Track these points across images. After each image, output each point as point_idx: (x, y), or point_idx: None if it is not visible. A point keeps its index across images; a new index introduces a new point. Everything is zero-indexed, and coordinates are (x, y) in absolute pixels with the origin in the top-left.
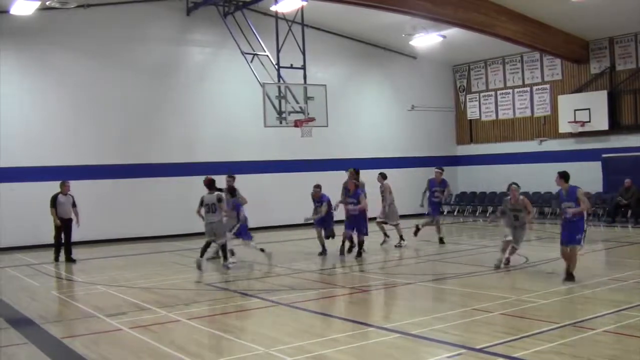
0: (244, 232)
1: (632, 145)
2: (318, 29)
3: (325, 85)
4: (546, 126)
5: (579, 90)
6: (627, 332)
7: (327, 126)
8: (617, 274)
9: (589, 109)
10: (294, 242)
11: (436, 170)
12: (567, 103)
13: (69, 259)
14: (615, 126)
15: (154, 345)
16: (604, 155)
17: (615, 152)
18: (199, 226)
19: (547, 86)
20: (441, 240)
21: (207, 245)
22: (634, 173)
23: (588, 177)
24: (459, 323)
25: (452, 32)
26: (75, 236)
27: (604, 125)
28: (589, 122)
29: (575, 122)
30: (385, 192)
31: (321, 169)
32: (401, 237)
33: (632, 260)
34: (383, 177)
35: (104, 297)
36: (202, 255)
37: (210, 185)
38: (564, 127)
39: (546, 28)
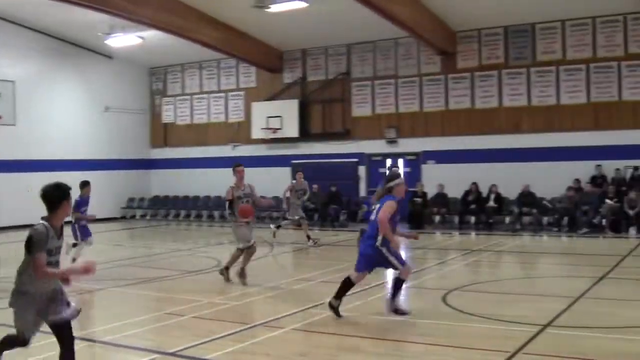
0: None
1: (320, 152)
2: (7, 20)
3: (14, 81)
4: (240, 132)
5: (272, 98)
6: (314, 329)
7: (14, 125)
8: (303, 275)
9: (280, 116)
10: None
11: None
12: (261, 110)
13: None
14: (305, 133)
15: None
16: (293, 161)
17: (304, 158)
18: None
19: (242, 93)
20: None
21: None
22: (321, 179)
23: (279, 182)
24: (151, 328)
25: (151, 34)
26: None
27: (295, 133)
28: (281, 129)
29: (268, 128)
30: None
31: (7, 170)
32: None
33: (317, 261)
34: None
35: None
36: None
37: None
38: (256, 133)
39: (243, 36)
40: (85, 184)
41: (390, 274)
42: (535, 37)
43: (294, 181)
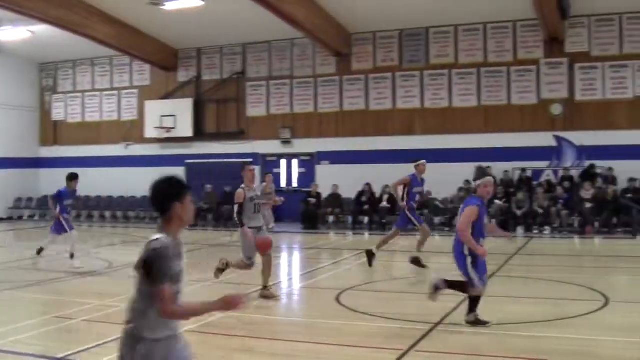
0: None
1: (214, 152)
2: None
3: None
4: (133, 130)
5: (166, 96)
6: (208, 330)
7: None
8: (196, 276)
9: (174, 115)
10: None
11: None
12: (154, 109)
13: None
14: (199, 133)
15: None
16: (187, 161)
17: (198, 158)
18: None
19: (136, 91)
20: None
21: None
22: (215, 179)
23: None
24: (40, 332)
25: (42, 28)
26: None
27: (189, 132)
28: (174, 128)
29: (161, 127)
30: None
31: None
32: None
33: (210, 262)
34: None
35: None
36: None
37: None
38: (150, 132)
39: (138, 34)
40: (74, 177)
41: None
42: (429, 41)
43: (263, 183)
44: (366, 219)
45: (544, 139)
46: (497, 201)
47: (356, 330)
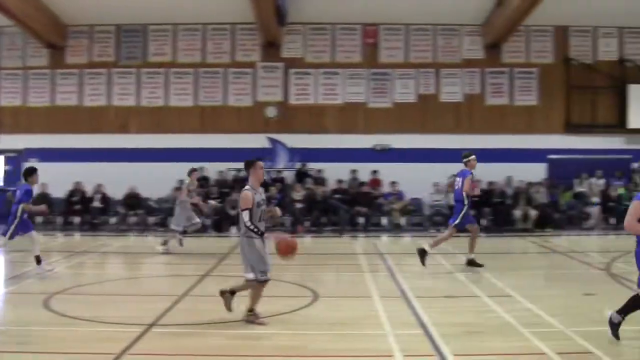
0: None
1: None
2: None
3: None
4: None
5: None
6: None
7: None
8: None
9: None
10: None
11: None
12: None
13: None
14: None
15: None
16: None
17: None
18: None
19: None
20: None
21: None
22: None
23: None
24: None
25: None
26: None
27: None
28: None
29: None
30: None
31: None
32: None
33: None
34: None
35: None
36: None
37: None
38: None
39: None
40: (34, 171)
41: None
42: (147, 38)
43: (187, 181)
44: (77, 219)
45: (259, 140)
46: (211, 201)
47: (67, 336)
